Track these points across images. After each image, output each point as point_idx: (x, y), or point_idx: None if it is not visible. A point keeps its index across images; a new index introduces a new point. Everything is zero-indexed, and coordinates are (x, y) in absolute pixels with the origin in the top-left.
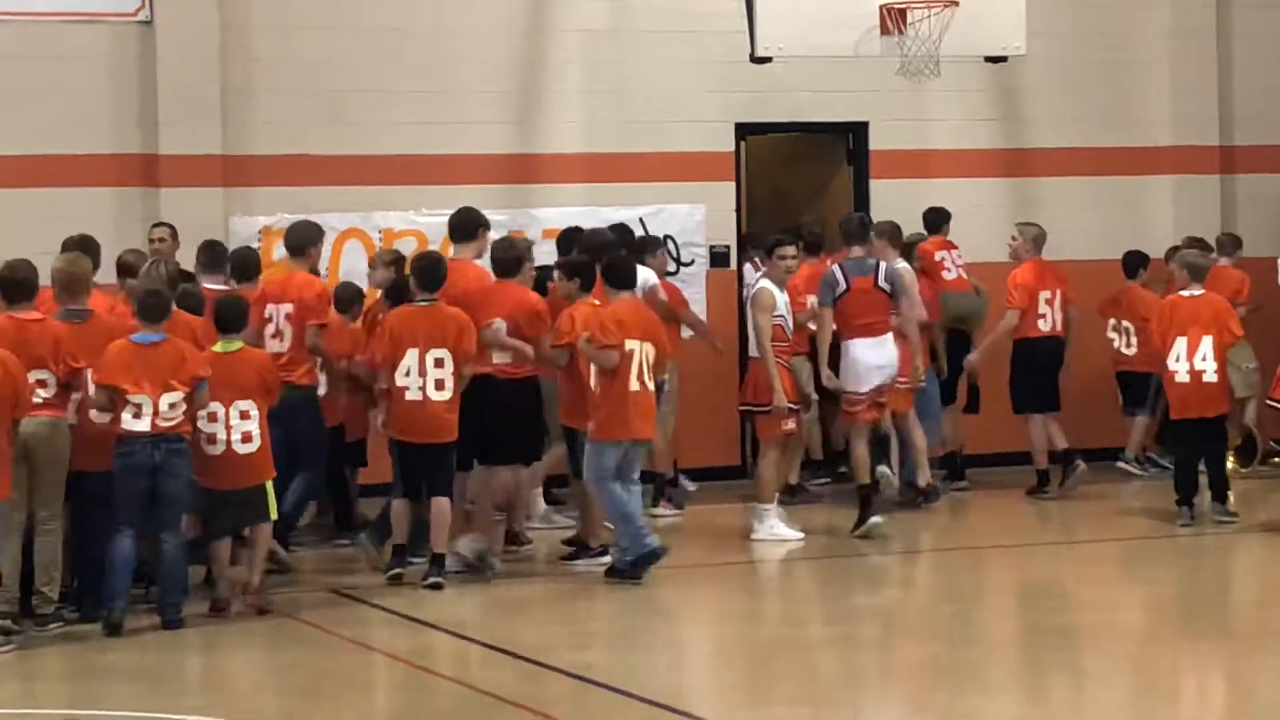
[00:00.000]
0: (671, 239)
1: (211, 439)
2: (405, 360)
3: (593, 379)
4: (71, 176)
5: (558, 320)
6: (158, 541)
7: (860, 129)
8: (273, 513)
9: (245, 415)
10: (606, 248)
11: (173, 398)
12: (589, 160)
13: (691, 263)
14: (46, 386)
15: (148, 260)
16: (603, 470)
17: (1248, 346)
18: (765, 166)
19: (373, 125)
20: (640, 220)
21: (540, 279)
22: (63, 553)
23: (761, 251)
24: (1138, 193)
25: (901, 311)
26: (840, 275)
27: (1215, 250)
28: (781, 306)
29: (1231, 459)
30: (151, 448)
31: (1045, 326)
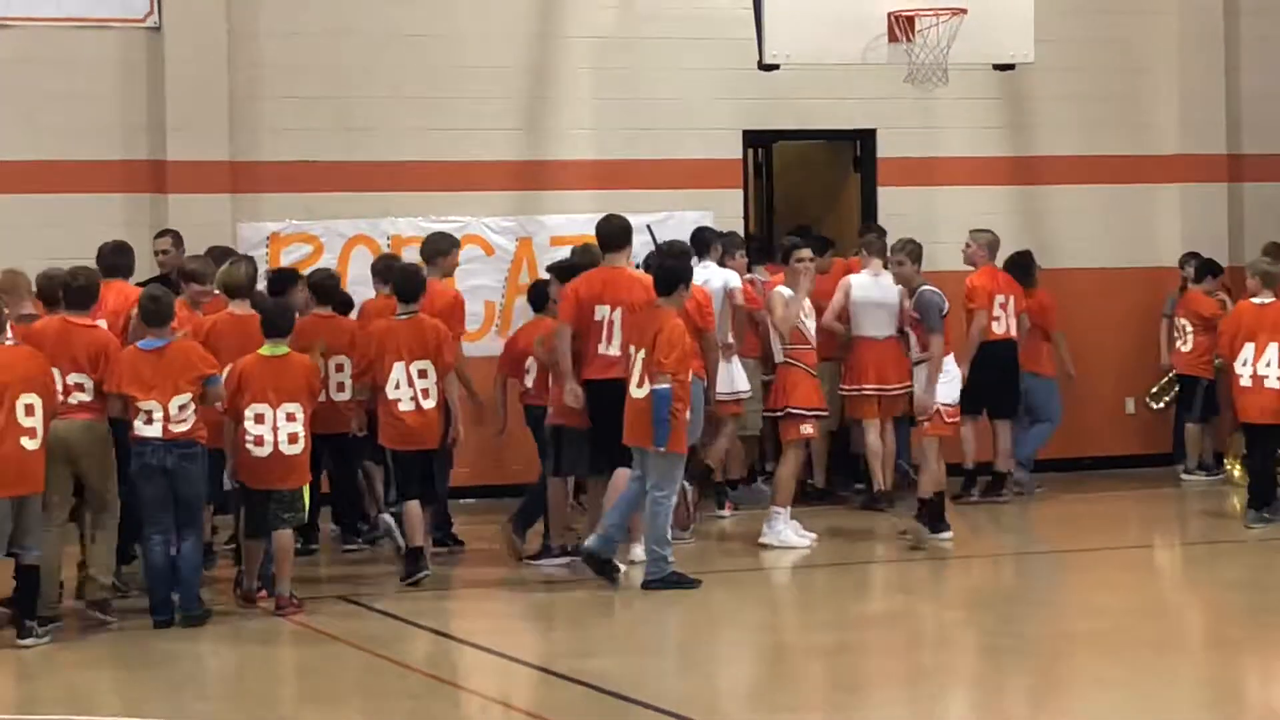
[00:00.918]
0: None
1: (259, 440)
2: (393, 373)
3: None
4: (79, 182)
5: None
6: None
7: (868, 136)
8: (305, 515)
9: (291, 418)
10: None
11: (181, 399)
12: (598, 167)
13: None
14: (84, 390)
15: (214, 266)
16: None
17: None
18: (775, 173)
19: (381, 131)
20: (648, 227)
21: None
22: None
23: (777, 258)
24: (1146, 200)
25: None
26: (941, 296)
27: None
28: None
29: None
30: (164, 452)
31: (1000, 329)
